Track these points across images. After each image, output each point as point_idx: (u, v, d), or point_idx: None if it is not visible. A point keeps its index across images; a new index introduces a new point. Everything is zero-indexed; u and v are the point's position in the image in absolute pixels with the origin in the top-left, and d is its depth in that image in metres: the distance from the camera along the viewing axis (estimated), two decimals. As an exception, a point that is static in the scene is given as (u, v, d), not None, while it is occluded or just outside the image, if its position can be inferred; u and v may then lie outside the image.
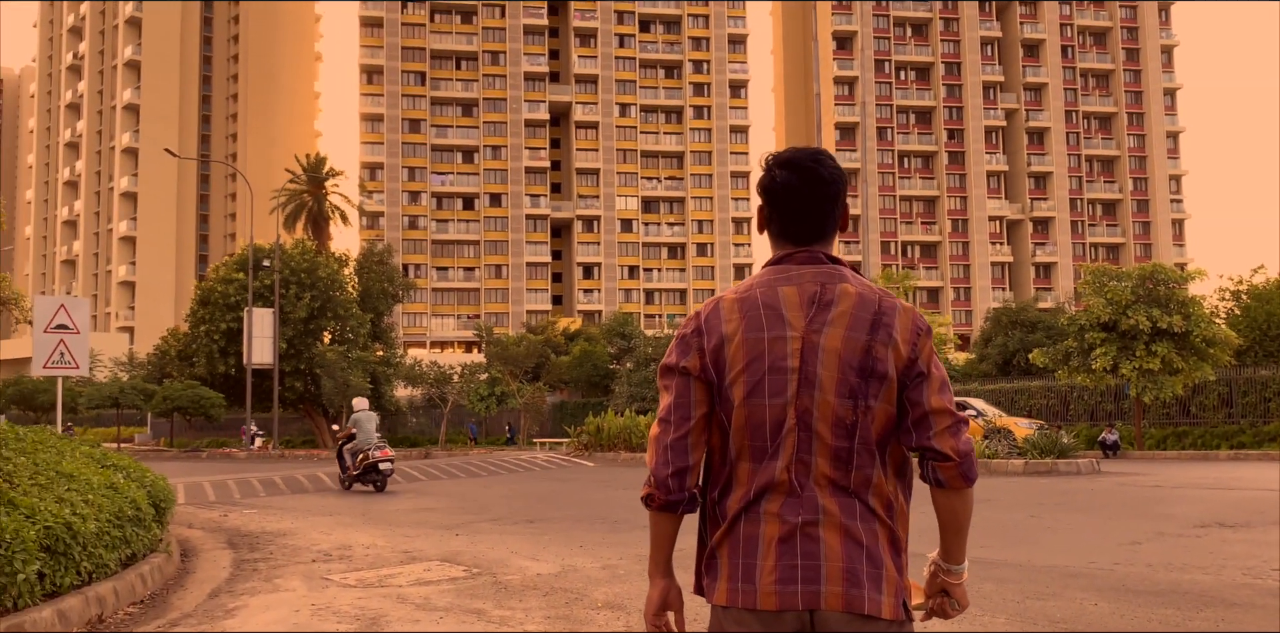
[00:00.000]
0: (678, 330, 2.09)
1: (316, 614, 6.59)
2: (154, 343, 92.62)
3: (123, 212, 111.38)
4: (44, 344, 13.05)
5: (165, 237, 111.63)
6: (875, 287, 2.02)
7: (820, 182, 2.05)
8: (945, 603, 2.14)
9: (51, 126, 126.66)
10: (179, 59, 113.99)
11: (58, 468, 7.73)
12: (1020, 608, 6.24)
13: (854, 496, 1.94)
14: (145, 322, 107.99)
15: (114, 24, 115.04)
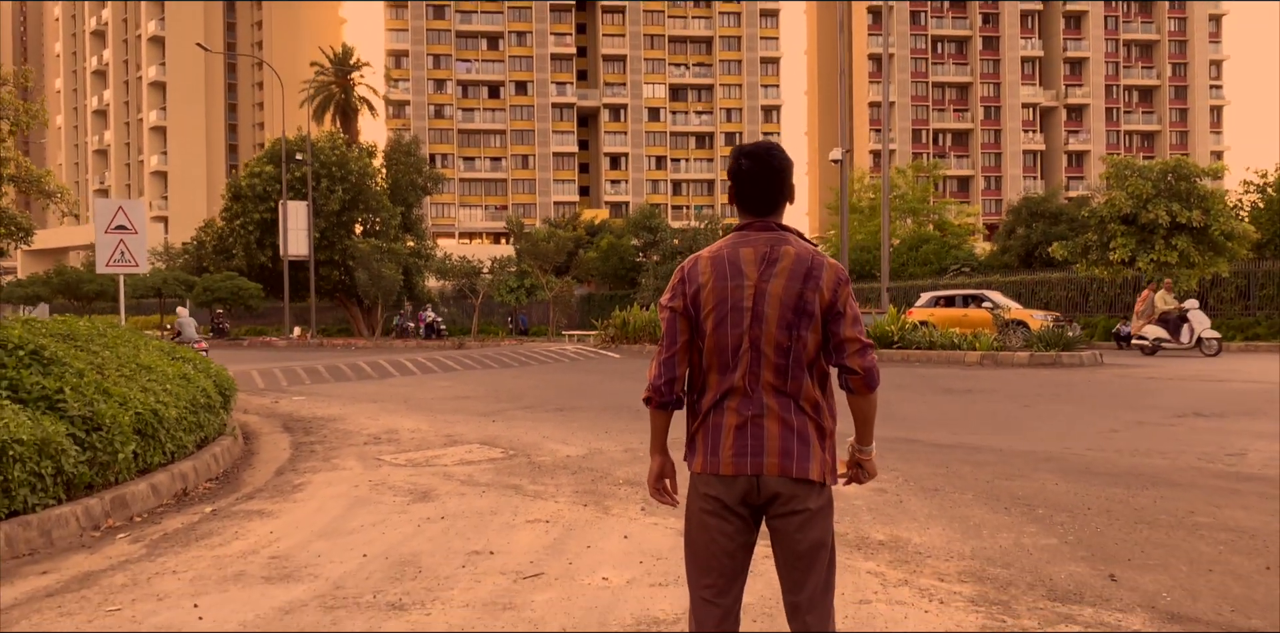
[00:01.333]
0: (671, 279, 2.86)
1: (374, 489, 7.55)
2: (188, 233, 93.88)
3: (152, 101, 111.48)
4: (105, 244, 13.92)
5: (195, 126, 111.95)
6: (810, 247, 2.77)
7: (772, 169, 2.79)
8: (859, 473, 2.94)
9: (77, 15, 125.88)
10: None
11: (137, 361, 8.64)
12: (989, 487, 7.11)
13: (789, 397, 2.72)
14: (178, 211, 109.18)
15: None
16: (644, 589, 4.68)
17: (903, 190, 59.98)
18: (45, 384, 6.82)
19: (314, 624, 4.26)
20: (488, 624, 4.21)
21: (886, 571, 4.96)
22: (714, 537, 2.75)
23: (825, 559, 2.76)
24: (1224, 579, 4.69)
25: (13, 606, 4.70)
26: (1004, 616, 4.22)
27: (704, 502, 2.76)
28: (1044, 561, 5.09)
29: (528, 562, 5.24)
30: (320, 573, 5.12)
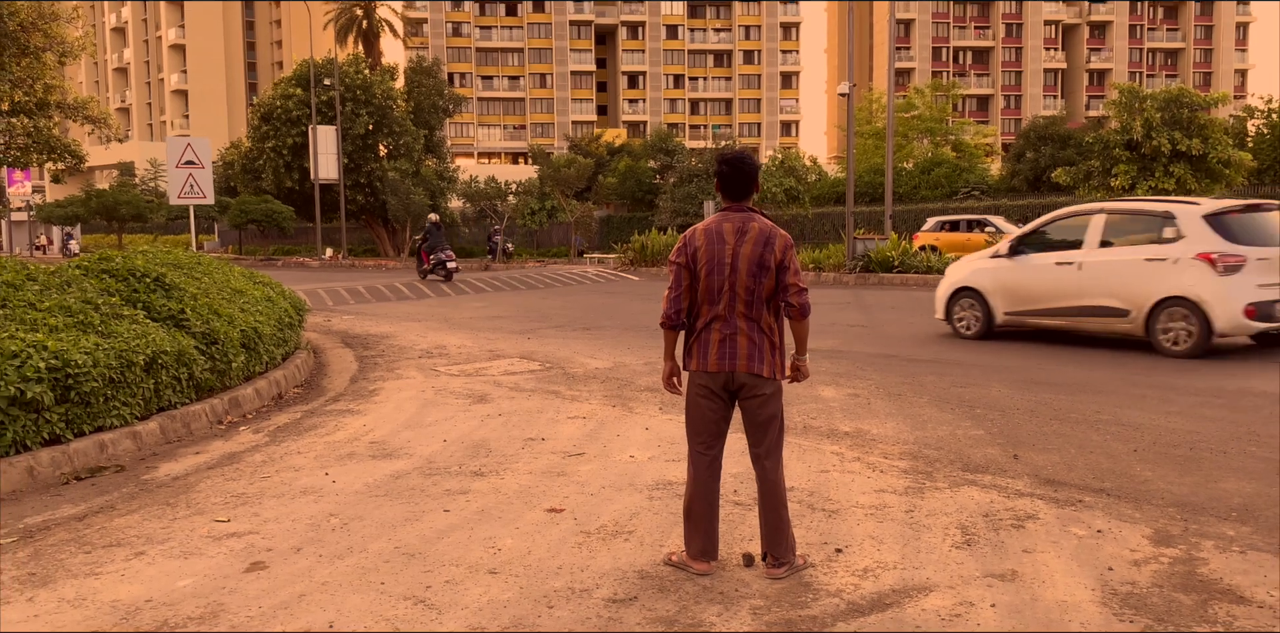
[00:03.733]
0: (677, 245, 4.31)
1: (438, 393, 9.12)
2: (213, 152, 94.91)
3: (170, 19, 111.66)
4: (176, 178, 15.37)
5: (213, 44, 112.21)
6: (769, 223, 4.22)
7: (744, 172, 4.24)
8: (797, 374, 4.42)
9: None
10: None
11: (230, 285, 10.16)
12: (944, 393, 8.63)
13: (754, 321, 4.21)
14: (200, 130, 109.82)
15: None
16: (661, 463, 6.23)
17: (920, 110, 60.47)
18: (170, 306, 8.34)
19: (420, 485, 5.82)
20: (547, 485, 5.76)
21: (845, 452, 6.50)
22: (704, 412, 4.28)
23: (777, 425, 4.29)
24: (1099, 458, 6.20)
25: (185, 474, 6.28)
26: (924, 480, 5.75)
27: (698, 389, 4.29)
28: (968, 445, 6.62)
29: (572, 445, 6.80)
30: (414, 452, 6.69)
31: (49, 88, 25.55)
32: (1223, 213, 10.78)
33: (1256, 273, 10.37)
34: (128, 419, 6.98)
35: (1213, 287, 10.33)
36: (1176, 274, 10.59)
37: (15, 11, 22.33)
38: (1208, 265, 10.40)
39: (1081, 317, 11.42)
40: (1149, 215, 11.26)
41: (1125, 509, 5.09)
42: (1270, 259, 10.44)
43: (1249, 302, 10.23)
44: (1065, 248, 11.72)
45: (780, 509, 4.27)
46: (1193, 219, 10.73)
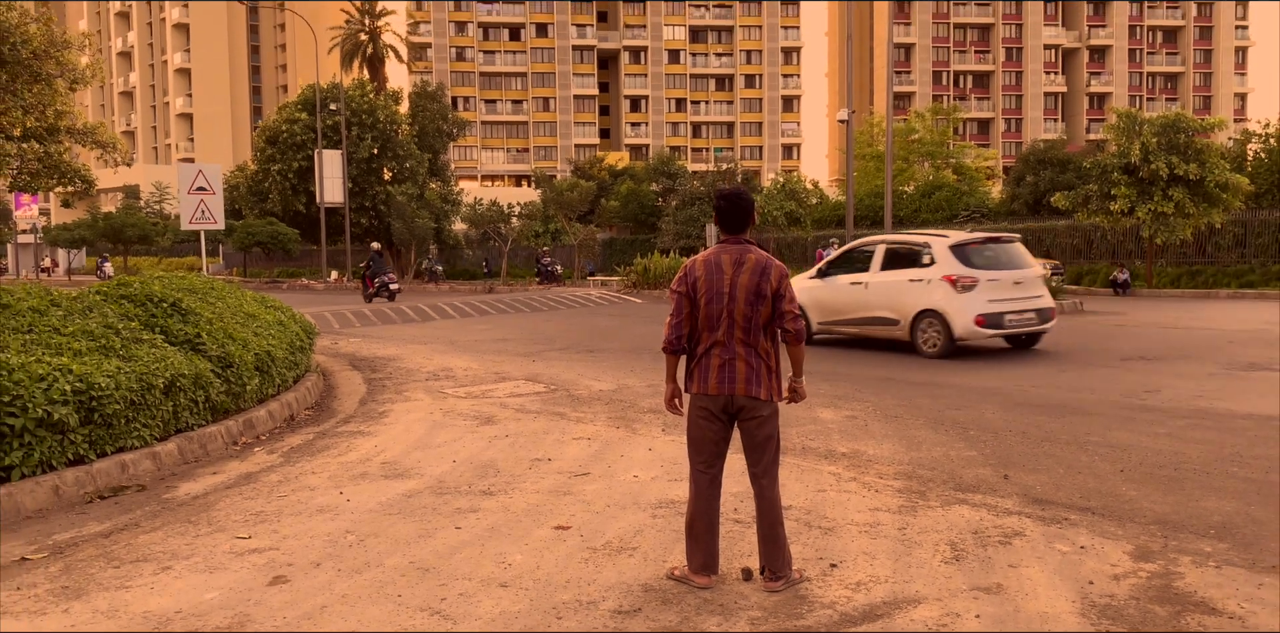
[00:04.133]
0: (678, 273, 4.56)
1: (446, 415, 9.34)
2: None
3: (176, 44, 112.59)
4: (188, 204, 15.67)
5: (219, 68, 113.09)
6: (765, 254, 4.46)
7: (740, 207, 4.50)
8: (794, 395, 4.65)
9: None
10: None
11: (243, 310, 10.41)
12: (939, 415, 8.86)
13: (751, 347, 4.44)
14: (205, 153, 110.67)
15: None
16: (664, 483, 6.46)
17: (921, 134, 60.90)
18: (187, 330, 8.59)
19: (431, 504, 6.04)
20: (554, 504, 5.98)
21: (842, 472, 6.72)
22: (705, 433, 4.52)
23: (774, 446, 4.52)
24: (1086, 478, 6.42)
25: (205, 493, 6.51)
26: (917, 499, 5.96)
27: (699, 411, 4.52)
28: (960, 466, 6.84)
29: (577, 466, 7.02)
30: (425, 472, 6.92)
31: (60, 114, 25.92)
32: (965, 244, 13.55)
33: (988, 291, 13.13)
34: (147, 440, 7.21)
35: (953, 301, 13.12)
36: (929, 292, 13.38)
37: (29, 39, 22.67)
38: (949, 285, 13.18)
39: (868, 325, 14.33)
40: (914, 246, 14.04)
41: (1108, 527, 5.31)
42: (1000, 280, 13.24)
43: (979, 313, 12.99)
44: (858, 271, 14.48)
45: (777, 526, 4.50)
46: (942, 249, 13.45)
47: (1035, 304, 13.61)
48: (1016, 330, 13.58)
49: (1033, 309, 13.53)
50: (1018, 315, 13.36)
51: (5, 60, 22.14)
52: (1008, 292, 13.34)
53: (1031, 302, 13.58)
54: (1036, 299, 13.68)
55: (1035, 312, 13.56)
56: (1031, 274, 13.81)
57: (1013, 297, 13.39)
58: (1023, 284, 13.56)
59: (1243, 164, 34.58)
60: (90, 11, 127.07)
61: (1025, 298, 13.52)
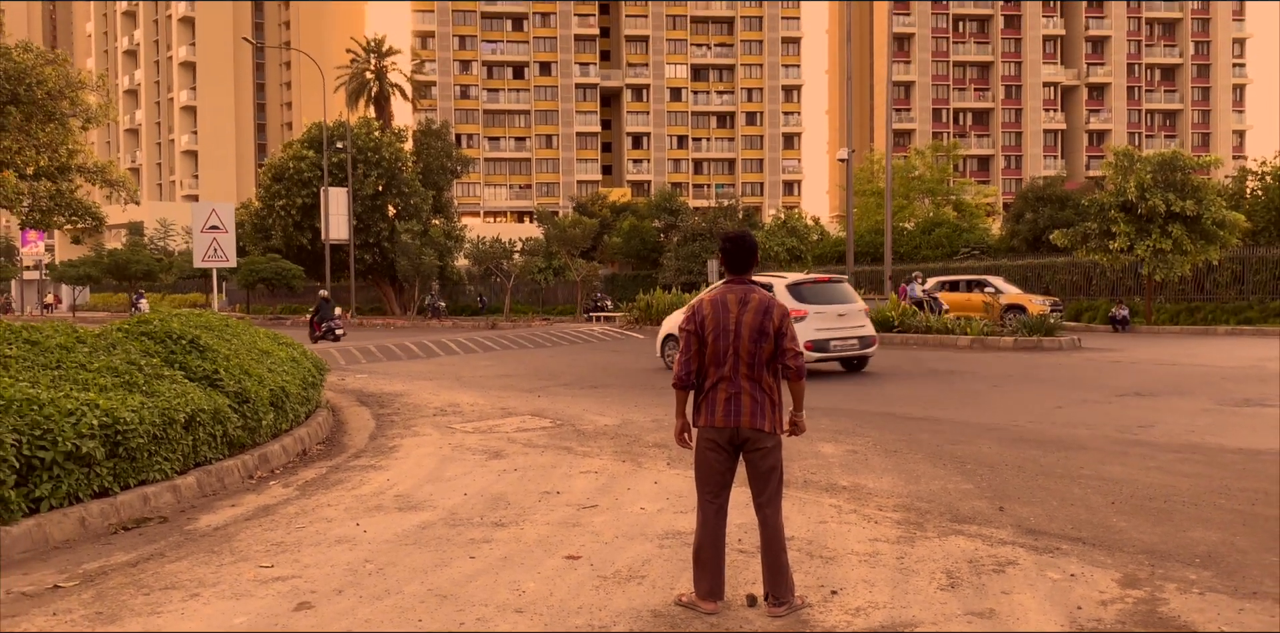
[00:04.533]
0: (685, 312, 4.81)
1: (455, 450, 9.56)
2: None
3: (182, 81, 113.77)
4: (201, 242, 15.99)
5: (224, 106, 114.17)
6: (768, 295, 4.72)
7: (744, 249, 4.76)
8: (795, 428, 4.89)
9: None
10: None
11: (257, 347, 10.66)
12: (938, 450, 9.07)
13: (755, 382, 4.69)
14: (209, 190, 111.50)
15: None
16: (670, 515, 6.67)
17: (921, 171, 61.39)
18: (205, 367, 8.84)
19: (446, 535, 6.26)
20: (564, 534, 6.20)
21: (843, 504, 6.94)
22: (712, 464, 4.75)
23: (777, 476, 4.75)
24: (1078, 510, 6.63)
25: (225, 525, 6.72)
26: (915, 530, 6.18)
27: (706, 443, 4.75)
28: (958, 499, 7.05)
29: (585, 498, 7.24)
30: (437, 505, 7.13)
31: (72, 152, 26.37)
32: (800, 283, 16.47)
33: (816, 321, 15.82)
34: (168, 474, 7.43)
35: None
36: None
37: (44, 80, 23.14)
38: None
39: None
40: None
41: (1098, 556, 5.52)
42: (826, 313, 16.04)
43: (808, 339, 15.38)
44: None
45: (780, 554, 4.72)
46: (781, 287, 16.23)
47: (858, 333, 16.44)
48: (841, 355, 16.29)
49: (855, 337, 16.36)
50: (842, 341, 16.16)
51: (21, 100, 22.62)
52: (833, 322, 16.15)
53: (854, 330, 16.41)
54: (859, 329, 16.51)
55: (858, 338, 16.39)
56: (855, 308, 16.65)
57: (838, 326, 16.19)
58: (846, 316, 16.39)
59: (1240, 202, 34.87)
60: (97, 49, 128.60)
61: (849, 327, 16.36)
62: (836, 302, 16.49)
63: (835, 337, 16.09)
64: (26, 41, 24.03)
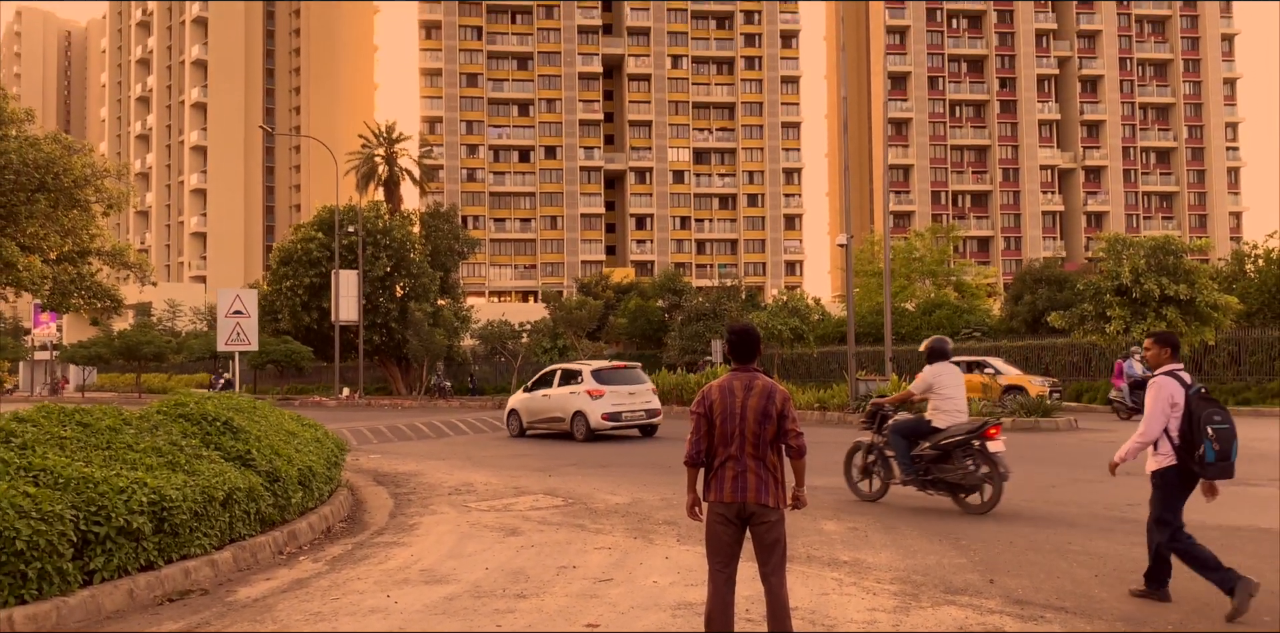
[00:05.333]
0: (696, 397, 5.34)
1: (473, 527, 10.00)
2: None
3: (193, 164, 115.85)
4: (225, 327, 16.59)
5: (233, 188, 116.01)
6: (770, 381, 5.26)
7: (749, 341, 5.31)
8: (796, 503, 5.38)
9: (123, 81, 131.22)
10: (244, 15, 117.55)
11: (284, 428, 11.15)
12: (934, 527, 9.53)
13: (760, 460, 5.20)
14: (217, 271, 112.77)
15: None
16: (682, 588, 7.12)
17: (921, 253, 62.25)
18: (238, 447, 9.33)
19: (471, 606, 6.70)
20: (582, 605, 6.64)
21: (844, 577, 7.38)
22: (721, 536, 5.24)
23: (781, 548, 5.23)
24: (1063, 582, 7.08)
25: (263, 597, 7.16)
26: (911, 601, 6.62)
27: (716, 517, 5.25)
28: (951, 572, 7.49)
29: (600, 572, 7.68)
30: (461, 578, 7.57)
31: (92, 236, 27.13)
32: (601, 369, 21.34)
33: (612, 398, 20.74)
34: (207, 549, 7.89)
35: (590, 405, 20.71)
36: (579, 400, 20.97)
37: (70, 168, 23.98)
38: (589, 395, 20.82)
39: (551, 422, 21.84)
40: (574, 370, 21.83)
41: (1078, 622, 5.97)
42: (619, 391, 20.87)
43: (604, 412, 20.54)
44: (548, 387, 22.11)
45: (785, 621, 5.18)
46: (587, 373, 21.20)
47: (645, 407, 21.23)
48: (631, 423, 21.03)
49: (643, 410, 21.17)
50: (631, 413, 20.94)
51: (48, 188, 23.41)
52: (625, 399, 20.94)
53: (642, 405, 21.21)
54: (647, 404, 21.30)
55: (645, 411, 21.19)
56: (644, 388, 21.47)
57: (629, 402, 20.95)
58: (635, 394, 21.18)
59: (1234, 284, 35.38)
60: (110, 134, 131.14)
61: (638, 403, 21.13)
62: (629, 383, 21.26)
63: (626, 410, 20.80)
64: (55, 132, 24.91)
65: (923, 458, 10.77)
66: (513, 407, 23.12)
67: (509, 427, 23.21)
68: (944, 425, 10.76)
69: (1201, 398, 6.58)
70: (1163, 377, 6.76)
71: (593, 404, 20.59)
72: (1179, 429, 6.58)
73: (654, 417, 21.21)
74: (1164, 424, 6.64)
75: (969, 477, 10.43)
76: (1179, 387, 6.67)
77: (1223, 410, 6.65)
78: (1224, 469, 6.60)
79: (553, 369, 22.54)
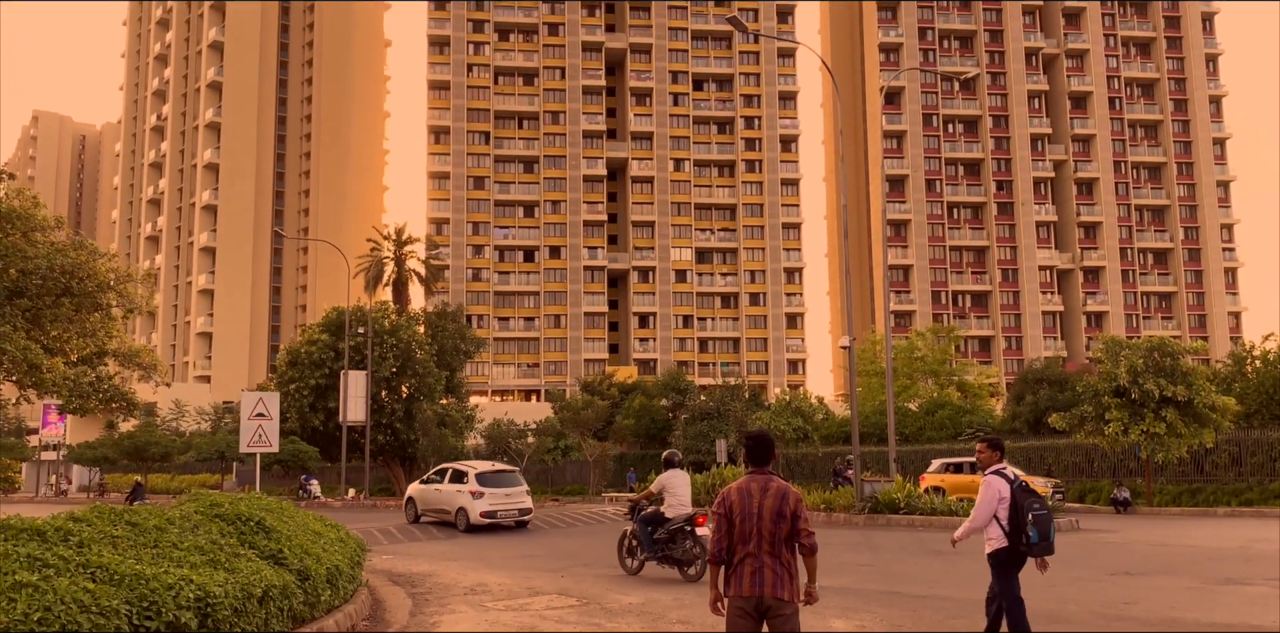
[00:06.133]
0: (716, 499, 5.83)
1: (492, 625, 10.35)
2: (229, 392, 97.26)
3: (201, 266, 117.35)
4: (248, 429, 17.12)
5: (241, 289, 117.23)
6: (784, 483, 5.76)
7: (764, 447, 5.84)
8: (809, 598, 5.83)
9: (135, 184, 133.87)
10: (256, 120, 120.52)
11: (310, 528, 11.55)
12: (938, 624, 9.92)
13: (776, 557, 5.68)
14: (222, 372, 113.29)
15: (196, 87, 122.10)
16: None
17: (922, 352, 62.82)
18: (271, 546, 9.75)
19: (500, 697, 7.06)
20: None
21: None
22: (740, 628, 5.70)
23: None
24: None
25: (299, 691, 7.51)
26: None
27: (735, 610, 5.72)
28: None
29: (620, 667, 8.04)
30: (488, 673, 7.93)
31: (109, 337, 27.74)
32: (484, 472, 24.88)
33: (490, 498, 24.19)
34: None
35: (472, 503, 24.07)
36: (463, 497, 24.37)
37: (94, 273, 24.74)
38: (470, 495, 24.20)
39: (439, 513, 25.36)
40: (463, 470, 25.34)
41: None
42: (497, 492, 24.33)
43: (482, 510, 23.86)
44: (440, 482, 25.72)
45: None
46: (472, 474, 24.71)
47: (518, 506, 24.79)
48: (505, 519, 24.36)
49: (516, 509, 24.68)
50: (506, 511, 24.42)
51: (73, 293, 24.11)
52: (502, 499, 24.42)
53: (516, 504, 24.73)
54: (520, 503, 24.85)
55: (518, 509, 24.74)
56: (519, 490, 25.07)
57: (504, 502, 24.45)
58: (511, 495, 24.69)
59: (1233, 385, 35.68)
60: (120, 235, 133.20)
61: (513, 502, 24.65)
62: (507, 486, 24.80)
63: (502, 509, 24.30)
64: (80, 238, 25.76)
65: (659, 541, 14.25)
66: (410, 495, 26.86)
67: (406, 513, 26.94)
68: (672, 516, 14.24)
69: (1024, 491, 7.98)
70: (992, 475, 8.13)
71: (474, 502, 23.93)
72: (1008, 517, 7.93)
73: (525, 515, 24.95)
74: (993, 513, 7.99)
75: (686, 553, 13.98)
76: (1005, 483, 8.04)
77: (1041, 500, 8.01)
78: (1045, 548, 7.97)
79: (445, 467, 26.22)
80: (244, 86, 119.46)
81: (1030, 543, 7.85)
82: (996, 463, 8.24)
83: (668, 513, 14.24)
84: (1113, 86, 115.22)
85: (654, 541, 14.26)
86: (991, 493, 8.00)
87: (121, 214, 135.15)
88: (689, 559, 13.89)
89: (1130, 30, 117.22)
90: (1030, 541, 7.83)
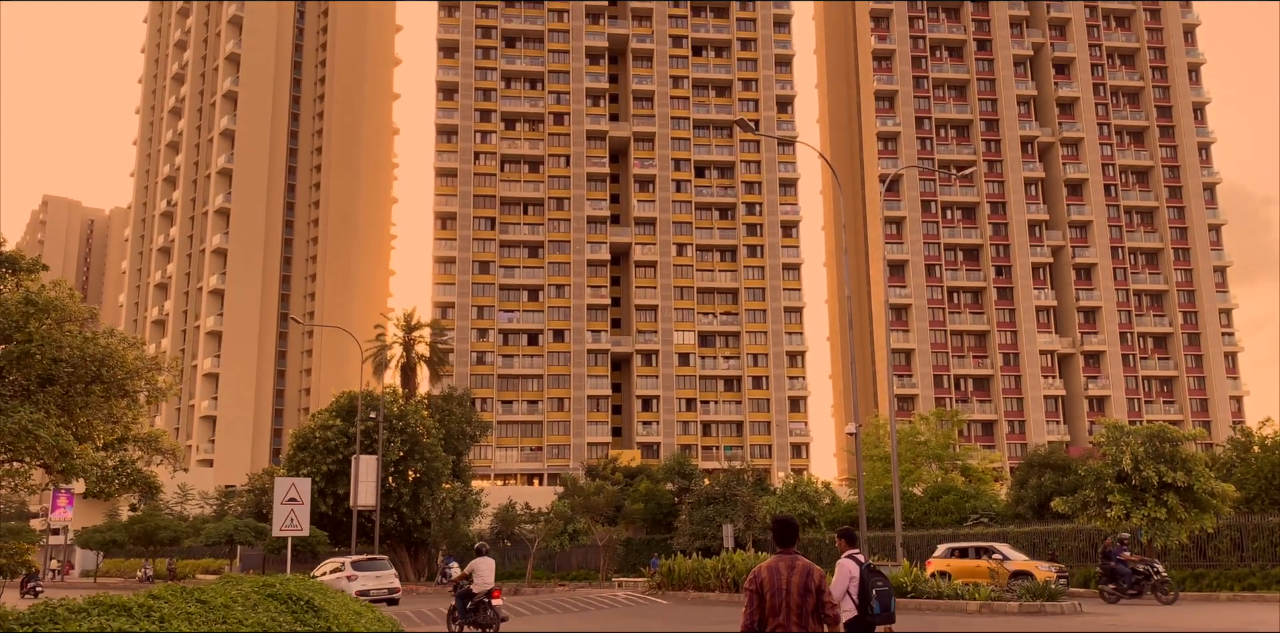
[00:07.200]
0: (749, 576, 6.57)
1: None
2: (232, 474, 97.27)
3: (207, 349, 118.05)
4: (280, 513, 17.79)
5: (246, 373, 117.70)
6: (808, 562, 6.51)
7: (789, 529, 6.60)
8: (834, 665, 6.56)
9: (143, 268, 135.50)
10: (265, 206, 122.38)
11: (350, 607, 12.17)
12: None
13: (804, 628, 6.41)
14: (225, 455, 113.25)
15: (206, 174, 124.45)
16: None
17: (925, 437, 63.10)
18: (319, 624, 10.39)
19: None
20: None
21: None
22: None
23: (822, 700, 6.37)
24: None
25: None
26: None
27: (770, 676, 6.42)
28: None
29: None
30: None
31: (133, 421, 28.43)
32: (358, 561, 31.98)
33: (363, 580, 30.44)
34: (302, 716, 8.88)
35: (348, 584, 29.02)
36: (342, 581, 29.51)
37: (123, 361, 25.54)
38: (348, 578, 30.27)
39: None
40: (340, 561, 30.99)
41: None
42: (369, 575, 30.91)
43: (358, 590, 27.49)
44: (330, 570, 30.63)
45: None
46: (348, 563, 31.66)
47: (388, 586, 31.28)
48: (379, 597, 28.95)
49: (385, 588, 30.95)
50: (378, 590, 30.25)
51: (103, 380, 24.90)
52: (373, 581, 30.82)
53: (386, 585, 31.20)
54: (389, 584, 31.27)
55: (388, 589, 31.07)
56: (388, 573, 32.06)
57: (375, 583, 30.70)
58: (381, 578, 31.42)
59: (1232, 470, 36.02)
60: (127, 319, 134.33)
61: (383, 584, 31.08)
62: (377, 570, 31.81)
63: (375, 588, 30.27)
64: (110, 328, 26.63)
65: (468, 610, 19.35)
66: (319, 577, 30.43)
67: None
68: (477, 591, 19.38)
69: (870, 571, 9.97)
70: (845, 559, 10.01)
71: (350, 584, 29.89)
72: (857, 593, 9.73)
73: (394, 593, 31.65)
74: (844, 590, 9.76)
75: (486, 619, 19.17)
76: (855, 565, 9.92)
77: (884, 578, 10.02)
78: (887, 618, 9.93)
79: (331, 559, 34.14)
80: (253, 173, 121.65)
81: (874, 614, 9.68)
82: (848, 549, 10.14)
83: (475, 590, 19.34)
84: (1108, 174, 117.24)
85: (466, 610, 19.48)
86: (844, 574, 9.89)
87: (129, 298, 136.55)
88: (488, 623, 19.21)
89: (1124, 119, 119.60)
90: (875, 612, 9.69)
